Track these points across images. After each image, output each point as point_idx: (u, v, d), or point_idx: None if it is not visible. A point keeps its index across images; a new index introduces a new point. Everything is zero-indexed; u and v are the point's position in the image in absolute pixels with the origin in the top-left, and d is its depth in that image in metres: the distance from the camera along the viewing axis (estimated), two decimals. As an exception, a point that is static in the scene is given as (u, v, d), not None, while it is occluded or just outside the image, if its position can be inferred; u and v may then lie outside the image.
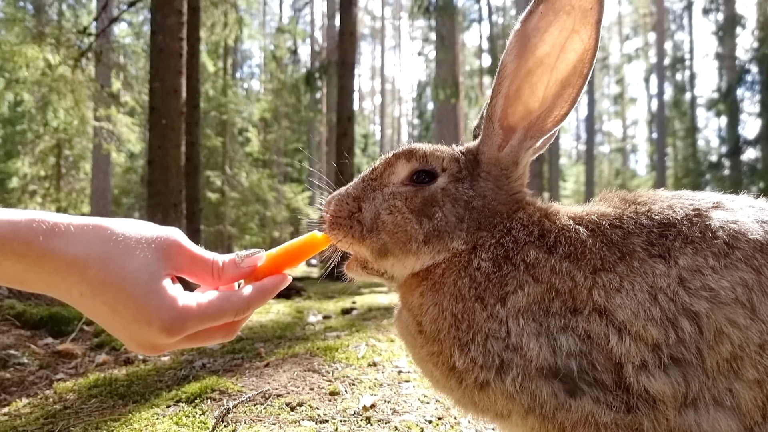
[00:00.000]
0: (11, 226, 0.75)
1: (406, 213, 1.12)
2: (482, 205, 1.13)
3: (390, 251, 1.13)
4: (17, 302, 3.74)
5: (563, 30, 1.03)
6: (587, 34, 1.03)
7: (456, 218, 1.11)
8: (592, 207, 1.11)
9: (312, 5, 35.11)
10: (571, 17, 1.01)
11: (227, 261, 0.94)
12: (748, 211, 1.01)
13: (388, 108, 50.76)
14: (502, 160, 1.15)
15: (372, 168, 1.21)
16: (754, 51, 21.15)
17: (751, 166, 22.46)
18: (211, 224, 19.75)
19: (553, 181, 25.68)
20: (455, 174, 1.16)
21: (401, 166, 1.18)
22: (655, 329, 0.92)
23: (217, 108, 20.28)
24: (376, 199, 1.15)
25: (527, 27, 1.03)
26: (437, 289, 1.09)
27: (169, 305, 0.81)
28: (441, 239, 1.11)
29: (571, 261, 1.00)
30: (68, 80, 11.42)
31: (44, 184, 18.55)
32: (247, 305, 0.90)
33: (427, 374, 1.14)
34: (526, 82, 1.09)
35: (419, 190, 1.14)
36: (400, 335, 1.20)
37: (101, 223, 0.83)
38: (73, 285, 0.79)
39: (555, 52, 1.05)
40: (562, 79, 1.07)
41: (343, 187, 1.21)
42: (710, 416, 0.89)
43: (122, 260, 0.81)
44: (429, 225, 1.11)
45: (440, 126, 19.09)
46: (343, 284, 1.22)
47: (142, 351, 0.86)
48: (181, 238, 0.90)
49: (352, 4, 10.33)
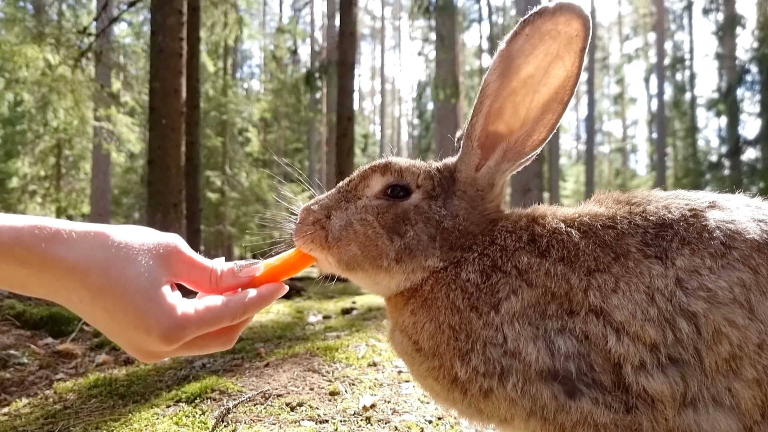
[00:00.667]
0: (14, 232, 0.76)
1: (377, 228, 1.10)
2: (453, 226, 1.12)
3: (360, 265, 1.12)
4: (17, 302, 3.75)
5: (548, 54, 1.03)
6: (570, 61, 1.03)
7: (428, 237, 1.10)
8: (584, 208, 1.11)
9: (312, 5, 35.11)
10: (557, 42, 1.01)
11: (225, 270, 0.95)
12: (744, 210, 1.01)
13: (388, 108, 50.77)
14: (478, 180, 1.14)
15: (349, 179, 1.21)
16: (754, 51, 21.14)
17: (751, 166, 22.46)
18: (211, 224, 19.76)
19: (553, 181, 25.67)
20: (429, 191, 1.14)
21: (376, 180, 1.16)
22: (653, 329, 0.92)
23: (217, 108, 20.28)
24: (348, 209, 1.14)
25: (512, 48, 1.03)
26: (429, 305, 1.08)
27: (168, 313, 0.82)
28: (414, 257, 1.10)
29: (565, 263, 1.00)
30: (68, 80, 11.42)
31: (44, 184, 18.55)
32: (243, 310, 0.91)
33: (428, 389, 1.14)
34: (509, 102, 1.08)
35: (392, 206, 1.12)
36: (397, 355, 1.20)
37: (102, 230, 0.84)
38: (73, 291, 0.80)
39: (539, 74, 1.05)
40: (544, 103, 1.08)
41: (319, 196, 1.21)
42: (709, 416, 0.89)
43: (122, 267, 0.81)
44: (400, 243, 1.10)
45: (440, 126, 19.08)
46: (343, 284, 1.21)
47: (140, 357, 0.87)
48: (181, 244, 0.91)
49: (352, 4, 10.33)
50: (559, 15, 0.98)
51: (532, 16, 0.99)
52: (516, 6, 22.96)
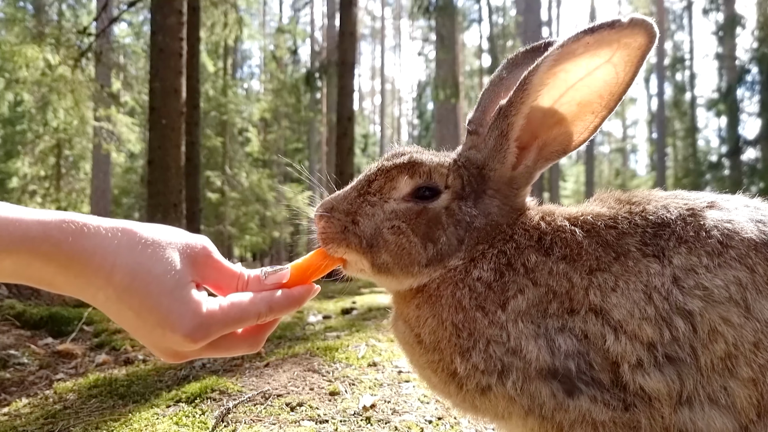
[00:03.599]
0: (41, 227, 0.75)
1: (411, 236, 1.07)
2: (484, 224, 1.10)
3: (390, 271, 1.10)
4: (17, 302, 3.75)
5: (595, 57, 0.99)
6: (624, 71, 1.01)
7: (457, 240, 1.09)
8: (587, 207, 1.11)
9: (312, 5, 35.10)
10: (611, 49, 0.98)
11: (252, 277, 0.93)
12: (743, 210, 1.01)
13: (388, 108, 50.74)
14: (516, 179, 1.12)
15: (368, 178, 1.14)
16: (754, 51, 21.13)
17: (751, 166, 22.46)
18: (211, 224, 19.75)
19: (553, 181, 25.66)
20: (458, 191, 1.11)
21: (403, 182, 1.11)
22: (650, 328, 0.92)
23: (217, 108, 20.29)
24: (376, 215, 1.10)
25: (566, 51, 0.97)
26: (434, 301, 1.08)
27: (193, 312, 0.80)
28: (441, 261, 1.09)
29: (568, 262, 1.00)
30: (68, 80, 11.42)
31: (44, 184, 18.56)
32: (269, 308, 0.89)
33: (425, 379, 1.14)
34: (548, 102, 1.05)
35: (423, 211, 1.09)
36: (397, 342, 1.20)
37: (131, 227, 0.82)
38: (100, 289, 0.79)
39: (582, 74, 1.02)
40: (583, 103, 1.05)
41: (335, 196, 1.15)
42: (705, 414, 0.90)
43: (149, 266, 0.80)
44: (433, 250, 1.08)
45: (440, 126, 19.09)
46: (343, 284, 1.21)
47: (166, 358, 0.86)
48: (211, 247, 0.89)
49: (352, 4, 10.33)
50: (629, 29, 0.94)
51: (601, 26, 0.94)
52: (516, 6, 22.94)
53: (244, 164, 21.83)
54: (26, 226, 0.74)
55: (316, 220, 1.13)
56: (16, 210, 0.75)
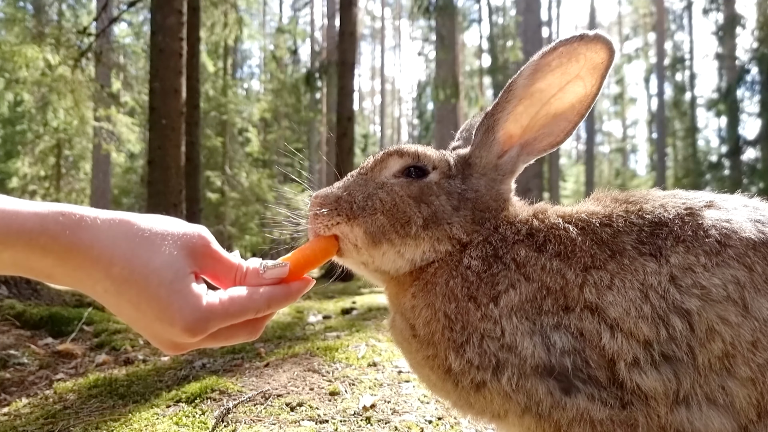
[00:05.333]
0: (39, 219, 0.74)
1: (404, 196, 1.13)
2: (475, 197, 1.15)
3: (386, 235, 1.11)
4: (17, 302, 3.75)
5: (566, 73, 1.11)
6: (591, 83, 1.12)
7: (452, 207, 1.13)
8: (582, 206, 1.13)
9: (312, 5, 35.11)
10: (579, 65, 1.10)
11: (251, 269, 0.93)
12: (741, 210, 1.01)
13: (388, 108, 50.74)
14: (501, 165, 1.19)
15: (361, 165, 1.23)
16: (754, 51, 21.12)
17: (751, 166, 22.44)
18: (211, 224, 19.73)
19: (553, 181, 25.66)
20: (445, 171, 1.19)
21: (393, 162, 1.19)
22: (646, 326, 0.92)
23: (217, 108, 20.27)
24: (368, 185, 1.17)
25: (544, 60, 1.09)
26: (429, 289, 1.09)
27: (192, 305, 0.80)
28: (440, 225, 1.12)
29: (562, 259, 1.01)
30: (68, 80, 11.41)
31: (44, 184, 18.54)
32: (268, 304, 0.89)
33: (424, 379, 1.14)
34: (527, 105, 1.14)
35: (413, 182, 1.16)
36: (396, 342, 1.21)
37: (128, 218, 0.82)
38: (98, 282, 0.79)
39: (554, 89, 1.13)
40: (555, 114, 1.15)
41: (329, 187, 1.22)
42: (702, 414, 0.90)
43: (147, 257, 0.79)
44: (428, 210, 1.12)
45: (440, 126, 19.08)
46: (343, 284, 1.21)
47: (165, 349, 0.86)
48: (209, 237, 0.89)
49: (352, 4, 10.33)
50: (594, 43, 1.07)
51: (571, 38, 1.07)
52: (516, 6, 22.94)
53: (244, 164, 21.81)
54: (23, 219, 0.74)
55: (311, 203, 1.16)
56: (13, 202, 0.75)
